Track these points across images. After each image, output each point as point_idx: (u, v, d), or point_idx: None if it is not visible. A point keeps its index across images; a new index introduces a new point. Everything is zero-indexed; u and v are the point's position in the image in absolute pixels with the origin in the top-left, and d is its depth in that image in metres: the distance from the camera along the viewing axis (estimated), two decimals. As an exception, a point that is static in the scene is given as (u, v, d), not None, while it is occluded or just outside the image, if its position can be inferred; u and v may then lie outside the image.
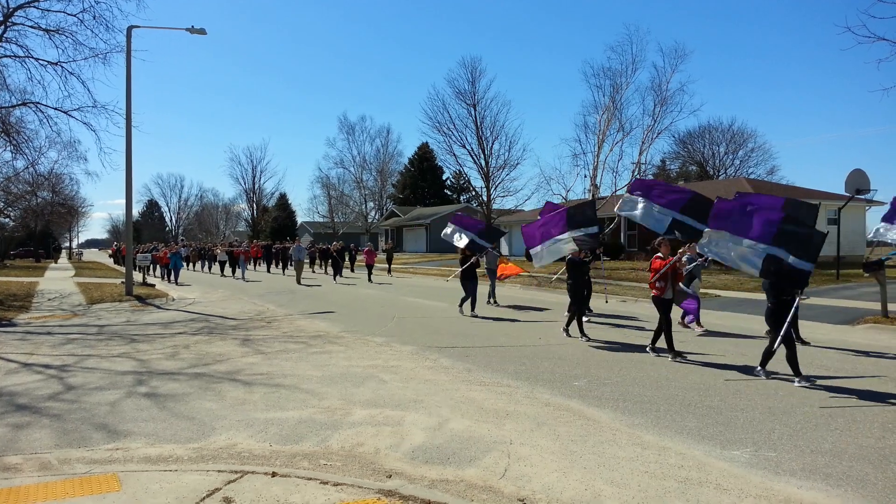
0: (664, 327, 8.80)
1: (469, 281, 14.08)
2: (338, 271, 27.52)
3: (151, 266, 31.40)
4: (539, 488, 4.32)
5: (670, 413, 6.13)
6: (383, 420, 5.95)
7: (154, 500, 4.03)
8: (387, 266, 31.54)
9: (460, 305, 14.30)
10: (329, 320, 13.49)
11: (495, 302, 16.54)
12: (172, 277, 27.01)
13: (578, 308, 10.55)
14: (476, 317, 13.61)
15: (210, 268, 36.85)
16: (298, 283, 24.68)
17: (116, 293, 19.82)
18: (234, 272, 30.95)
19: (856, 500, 4.08)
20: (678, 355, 8.67)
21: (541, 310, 15.35)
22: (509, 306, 16.15)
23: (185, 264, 32.68)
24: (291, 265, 31.13)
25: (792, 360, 7.27)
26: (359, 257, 34.76)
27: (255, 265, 36.26)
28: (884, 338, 10.27)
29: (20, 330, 12.50)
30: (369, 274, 26.94)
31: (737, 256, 7.93)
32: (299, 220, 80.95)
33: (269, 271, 34.43)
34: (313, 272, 32.01)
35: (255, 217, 78.02)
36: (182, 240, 57.83)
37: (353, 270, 32.58)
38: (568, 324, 10.82)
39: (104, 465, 4.78)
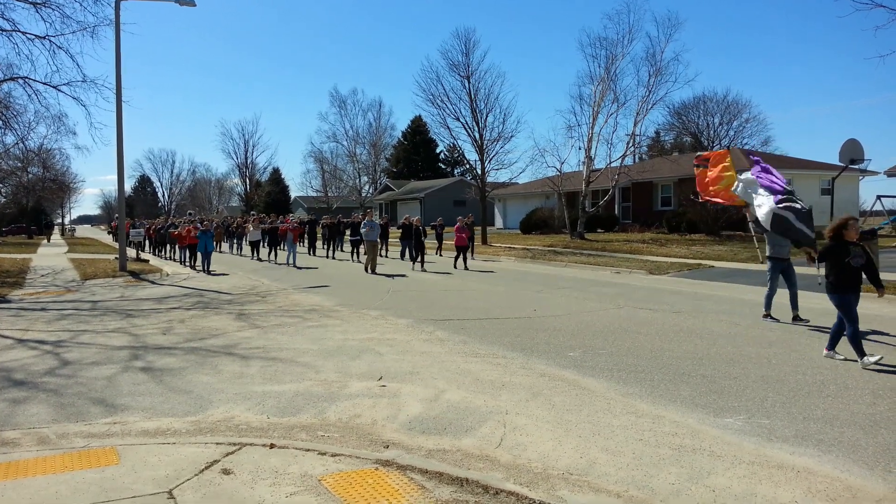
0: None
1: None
2: (420, 255, 19.63)
3: (169, 247, 27.06)
4: (535, 457, 4.36)
5: (664, 382, 6.19)
6: (380, 392, 5.98)
7: (153, 472, 4.06)
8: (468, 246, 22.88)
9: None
10: (324, 294, 13.49)
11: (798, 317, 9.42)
12: (201, 263, 20.10)
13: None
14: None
15: (241, 249, 29.49)
16: (372, 271, 18.13)
17: (110, 269, 19.73)
18: (272, 255, 23.82)
19: (847, 464, 4.14)
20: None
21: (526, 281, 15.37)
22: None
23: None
24: (349, 245, 25.23)
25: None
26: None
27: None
28: (874, 307, 10.36)
29: (14, 306, 12.46)
30: (463, 258, 19.57)
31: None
32: (293, 194, 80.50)
33: (312, 253, 27.08)
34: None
35: (248, 192, 77.53)
36: (190, 213, 48.72)
37: (440, 253, 24.59)
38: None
39: (102, 438, 4.79)
